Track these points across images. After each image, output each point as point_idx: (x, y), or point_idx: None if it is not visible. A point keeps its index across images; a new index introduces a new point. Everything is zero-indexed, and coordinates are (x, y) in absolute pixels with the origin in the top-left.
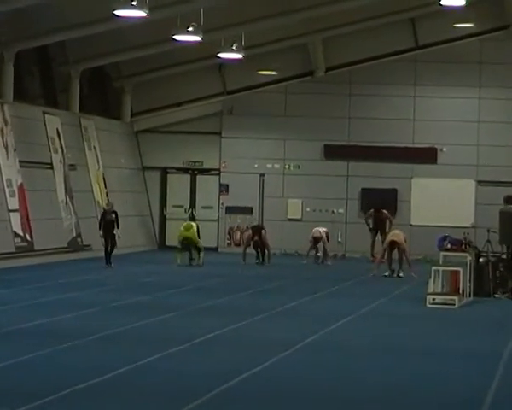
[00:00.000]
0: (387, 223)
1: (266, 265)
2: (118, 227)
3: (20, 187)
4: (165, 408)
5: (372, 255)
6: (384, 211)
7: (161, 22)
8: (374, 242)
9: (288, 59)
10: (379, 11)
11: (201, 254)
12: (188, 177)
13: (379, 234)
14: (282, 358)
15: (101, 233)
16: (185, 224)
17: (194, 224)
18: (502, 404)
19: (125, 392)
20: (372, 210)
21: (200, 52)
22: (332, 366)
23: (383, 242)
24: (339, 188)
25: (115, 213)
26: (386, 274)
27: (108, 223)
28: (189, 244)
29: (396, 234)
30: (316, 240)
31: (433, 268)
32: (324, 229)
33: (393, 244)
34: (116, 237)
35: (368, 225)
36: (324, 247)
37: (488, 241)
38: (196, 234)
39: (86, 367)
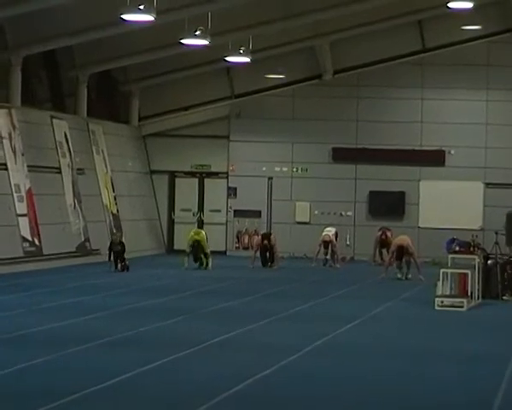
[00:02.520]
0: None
1: (274, 268)
2: (123, 255)
3: (29, 192)
4: None
5: (381, 258)
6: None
7: (169, 26)
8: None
9: (295, 62)
10: (386, 14)
11: (209, 260)
12: (196, 180)
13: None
14: (291, 361)
15: (111, 259)
16: (194, 229)
17: (202, 231)
18: (511, 407)
19: (133, 395)
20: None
21: (208, 56)
22: (341, 370)
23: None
24: (347, 191)
25: (122, 244)
26: (399, 276)
27: (117, 253)
28: (198, 248)
29: (402, 238)
30: (325, 244)
31: (442, 271)
32: (333, 230)
33: (401, 248)
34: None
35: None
36: (333, 250)
37: (496, 243)
38: (205, 240)
39: (96, 371)
